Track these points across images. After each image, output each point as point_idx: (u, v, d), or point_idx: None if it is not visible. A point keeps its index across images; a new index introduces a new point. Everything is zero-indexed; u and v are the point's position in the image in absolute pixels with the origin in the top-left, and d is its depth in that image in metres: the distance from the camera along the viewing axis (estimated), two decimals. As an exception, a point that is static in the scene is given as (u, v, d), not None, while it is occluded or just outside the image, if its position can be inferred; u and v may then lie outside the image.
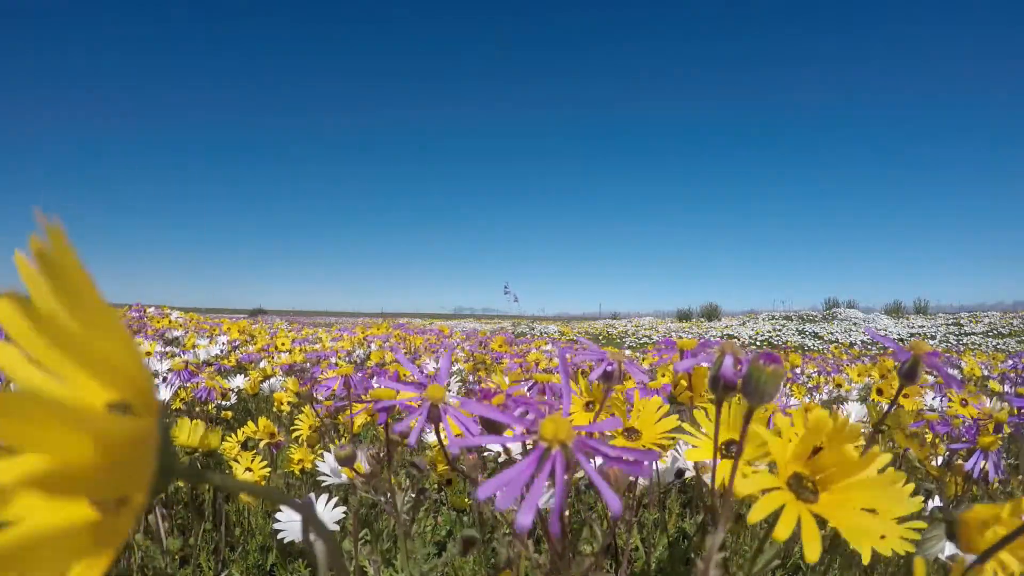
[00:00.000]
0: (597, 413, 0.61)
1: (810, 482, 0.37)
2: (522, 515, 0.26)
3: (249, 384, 2.06)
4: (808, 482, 0.37)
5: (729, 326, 15.91)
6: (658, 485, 0.85)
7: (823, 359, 6.00)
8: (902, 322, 14.75)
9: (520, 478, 0.28)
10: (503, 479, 0.28)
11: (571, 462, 0.30)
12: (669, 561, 0.99)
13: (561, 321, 21.93)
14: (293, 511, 0.27)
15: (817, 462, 0.37)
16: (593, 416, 0.62)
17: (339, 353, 3.21)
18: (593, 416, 0.62)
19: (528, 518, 0.26)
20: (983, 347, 11.55)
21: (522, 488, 0.28)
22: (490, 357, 2.86)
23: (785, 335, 14.16)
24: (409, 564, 0.67)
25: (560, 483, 0.28)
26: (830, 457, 0.37)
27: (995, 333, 12.92)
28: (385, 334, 4.73)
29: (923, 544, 0.44)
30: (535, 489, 0.27)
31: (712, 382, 0.42)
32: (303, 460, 1.27)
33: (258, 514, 1.43)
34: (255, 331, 4.74)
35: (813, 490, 0.37)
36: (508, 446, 0.59)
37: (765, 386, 0.38)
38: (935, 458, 1.00)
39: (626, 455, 0.29)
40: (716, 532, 0.39)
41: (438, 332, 7.29)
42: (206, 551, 1.27)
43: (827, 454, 0.37)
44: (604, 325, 17.89)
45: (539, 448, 0.29)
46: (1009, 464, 1.31)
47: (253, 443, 1.46)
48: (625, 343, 13.25)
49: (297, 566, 1.27)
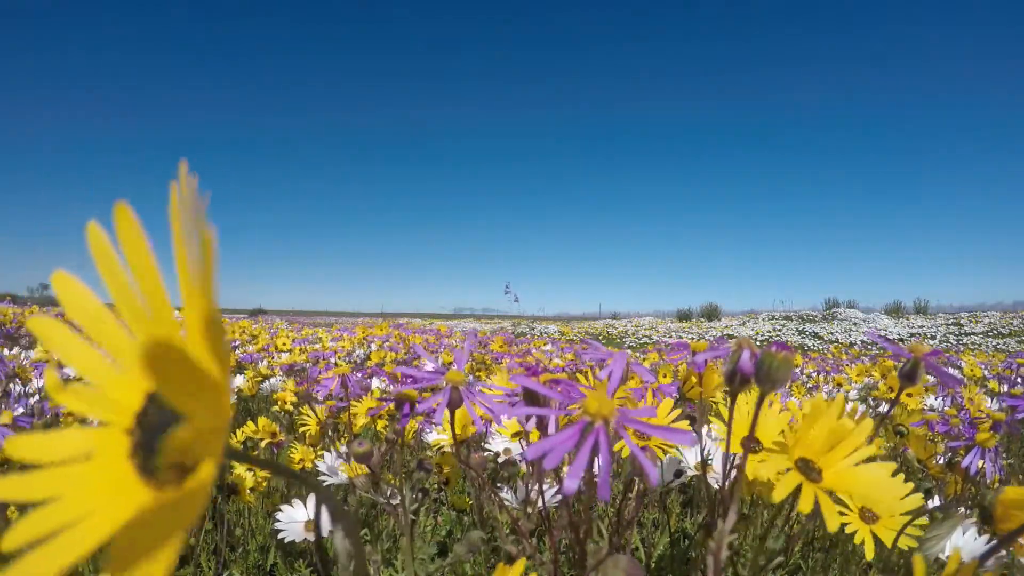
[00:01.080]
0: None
1: (815, 464, 0.41)
2: (569, 480, 0.28)
3: (248, 385, 2.06)
4: (813, 464, 0.41)
5: (729, 326, 15.92)
6: (661, 485, 0.85)
7: (823, 359, 6.00)
8: (902, 322, 14.76)
9: (564, 445, 0.29)
10: (549, 444, 0.29)
11: (612, 436, 0.31)
12: (670, 560, 0.99)
13: (561, 321, 21.94)
14: (320, 502, 0.27)
15: (817, 442, 0.41)
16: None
17: (339, 353, 3.21)
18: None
19: (574, 484, 0.28)
20: (983, 347, 11.56)
21: (564, 455, 0.29)
22: (490, 357, 2.87)
23: (785, 335, 14.16)
24: (411, 564, 0.67)
25: (606, 453, 0.30)
26: (828, 432, 0.41)
27: (995, 333, 12.92)
28: (385, 334, 4.74)
29: (924, 543, 0.44)
30: (580, 456, 0.29)
31: (729, 376, 0.44)
32: (304, 460, 1.27)
33: (258, 514, 1.43)
34: (255, 331, 4.75)
35: (818, 471, 0.40)
36: (509, 446, 0.60)
37: (777, 372, 0.40)
38: (936, 458, 1.00)
39: (666, 431, 0.31)
40: (728, 517, 0.42)
41: (437, 332, 7.29)
42: (206, 551, 1.27)
43: (824, 429, 0.41)
44: (604, 325, 17.90)
45: (582, 422, 0.31)
46: (1008, 464, 1.31)
47: (252, 443, 1.46)
48: (625, 343, 13.26)
49: (298, 566, 1.27)
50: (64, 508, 0.19)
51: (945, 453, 1.01)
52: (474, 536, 0.59)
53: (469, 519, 1.32)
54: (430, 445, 1.22)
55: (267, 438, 1.42)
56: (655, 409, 0.38)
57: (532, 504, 0.72)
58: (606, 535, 0.55)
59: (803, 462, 0.41)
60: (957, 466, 0.91)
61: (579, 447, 0.30)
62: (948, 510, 0.47)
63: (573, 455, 0.30)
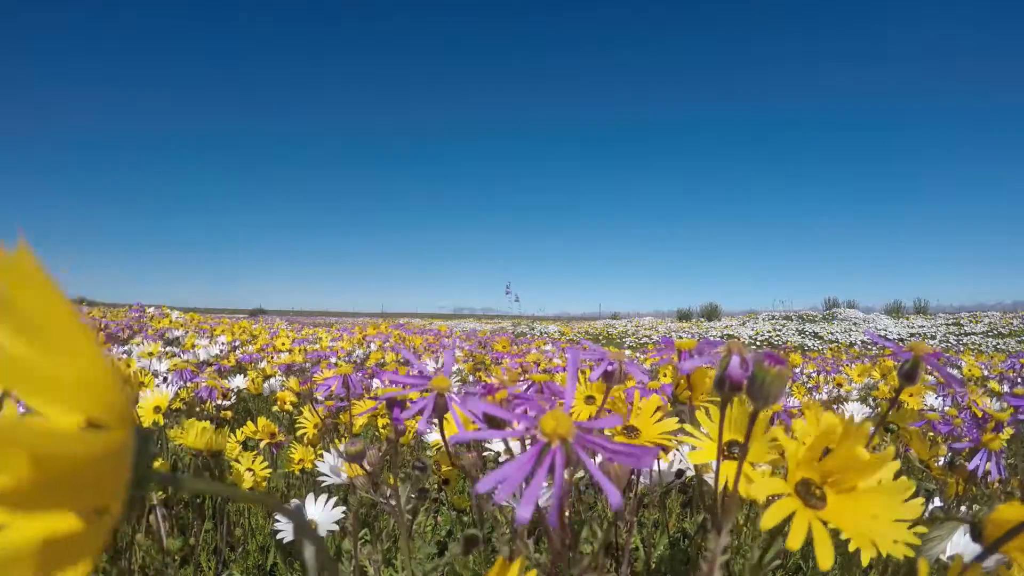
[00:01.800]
0: (598, 411, 0.61)
1: (817, 488, 0.37)
2: (522, 509, 0.27)
3: (251, 384, 2.06)
4: (816, 488, 0.37)
5: (729, 326, 15.91)
6: (660, 485, 0.85)
7: (823, 359, 6.00)
8: (902, 322, 14.76)
9: (519, 472, 0.28)
10: (502, 473, 0.28)
11: (571, 457, 0.30)
12: (670, 561, 0.99)
13: (561, 321, 21.93)
14: (284, 517, 0.27)
15: (826, 465, 0.37)
16: (595, 412, 0.62)
17: (339, 353, 3.21)
18: (595, 412, 0.62)
19: (527, 512, 0.27)
20: (983, 347, 11.56)
21: (521, 482, 0.28)
22: (490, 357, 2.86)
23: (785, 335, 14.16)
24: (411, 564, 0.67)
25: (559, 478, 0.28)
26: (841, 459, 0.36)
27: (995, 333, 12.92)
28: (385, 334, 4.73)
29: (925, 545, 0.44)
30: (534, 483, 0.27)
31: (718, 382, 0.41)
32: (303, 460, 1.27)
33: (258, 514, 1.43)
34: (255, 331, 4.75)
35: (821, 496, 0.36)
36: (511, 445, 0.59)
37: (770, 387, 0.37)
38: (937, 459, 1.00)
39: (625, 450, 0.29)
40: (719, 536, 0.39)
41: (437, 332, 7.29)
42: (206, 551, 1.27)
43: (838, 455, 0.36)
44: (604, 325, 17.89)
45: (539, 443, 0.29)
46: (1009, 464, 1.31)
47: (253, 443, 1.46)
48: (625, 343, 13.25)
49: (298, 566, 1.27)
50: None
51: (946, 454, 1.01)
52: (471, 535, 0.59)
53: (469, 519, 1.32)
54: (430, 445, 1.21)
55: (266, 438, 1.42)
56: (619, 418, 0.36)
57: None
58: (600, 535, 0.55)
59: (805, 485, 0.37)
60: (959, 467, 0.90)
61: (535, 471, 0.28)
62: (949, 511, 0.47)
63: (529, 480, 0.28)
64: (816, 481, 0.37)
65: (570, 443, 0.29)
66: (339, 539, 1.17)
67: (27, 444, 0.16)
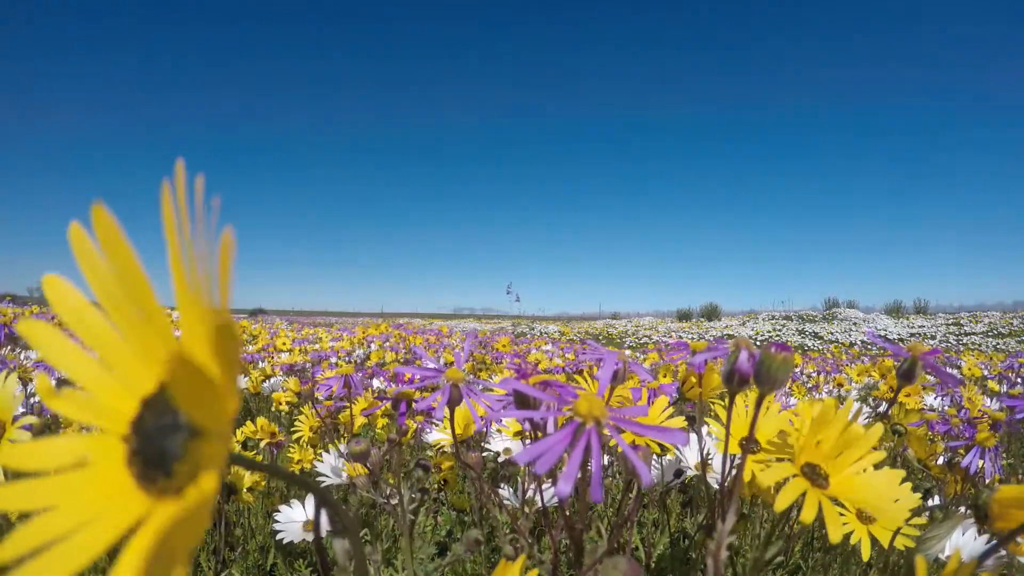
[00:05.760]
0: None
1: (822, 470, 0.40)
2: (562, 484, 0.28)
3: (251, 384, 2.06)
4: (820, 469, 0.40)
5: (729, 326, 15.92)
6: (661, 485, 0.85)
7: (823, 359, 6.00)
8: (902, 322, 14.76)
9: (556, 448, 0.29)
10: (542, 447, 0.29)
11: (604, 438, 0.32)
12: (670, 560, 0.99)
13: (561, 321, 21.94)
14: (316, 504, 0.27)
15: (825, 447, 0.40)
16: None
17: (339, 353, 3.21)
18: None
19: (568, 486, 0.28)
20: (983, 347, 11.56)
21: (558, 458, 0.29)
22: (490, 357, 2.87)
23: (785, 335, 14.16)
24: (412, 564, 0.67)
25: (597, 455, 0.30)
26: (836, 437, 0.40)
27: (995, 333, 12.92)
28: (385, 334, 4.74)
29: (924, 543, 0.44)
30: (573, 460, 0.29)
31: (727, 376, 0.43)
32: (303, 460, 1.27)
33: (258, 514, 1.43)
34: (256, 331, 4.75)
35: (825, 476, 0.40)
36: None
37: (777, 373, 0.40)
38: (936, 457, 1.00)
39: (655, 429, 0.31)
40: (727, 519, 0.41)
41: (437, 332, 7.29)
42: (206, 551, 1.27)
43: (834, 436, 0.40)
44: (604, 325, 17.90)
45: (573, 423, 0.31)
46: (1008, 463, 1.31)
47: (253, 443, 1.46)
48: (625, 343, 13.26)
49: (298, 566, 1.27)
50: (61, 517, 0.19)
51: (945, 453, 1.01)
52: (472, 535, 0.59)
53: (469, 519, 1.32)
54: (430, 445, 1.22)
55: (266, 438, 1.42)
56: (647, 408, 0.38)
57: (531, 503, 0.73)
58: (604, 535, 0.55)
59: (809, 467, 0.40)
60: (957, 466, 0.91)
61: (571, 449, 0.30)
62: (948, 510, 0.47)
63: (567, 457, 0.30)
64: (819, 465, 0.40)
65: (603, 424, 0.31)
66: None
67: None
